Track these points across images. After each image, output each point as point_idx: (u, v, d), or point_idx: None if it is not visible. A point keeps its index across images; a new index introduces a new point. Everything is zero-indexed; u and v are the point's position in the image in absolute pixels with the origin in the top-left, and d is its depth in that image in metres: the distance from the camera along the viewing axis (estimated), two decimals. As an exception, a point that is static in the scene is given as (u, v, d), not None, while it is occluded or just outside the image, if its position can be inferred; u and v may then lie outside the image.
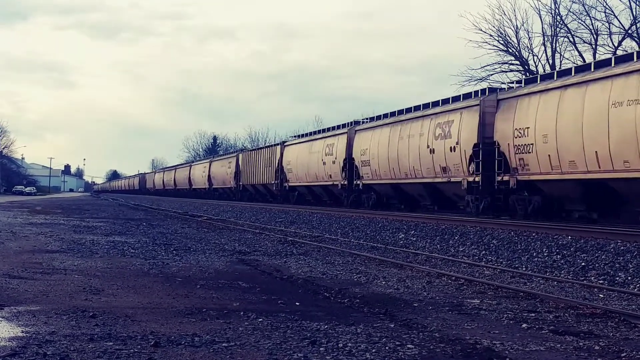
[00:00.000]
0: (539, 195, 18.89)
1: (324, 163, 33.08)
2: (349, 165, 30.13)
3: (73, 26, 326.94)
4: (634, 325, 6.12)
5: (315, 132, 38.51)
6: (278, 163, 39.82)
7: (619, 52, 34.50)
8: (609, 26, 36.74)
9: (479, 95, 21.75)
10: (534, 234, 13.87)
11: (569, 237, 12.94)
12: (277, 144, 41.84)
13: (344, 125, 32.64)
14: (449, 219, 18.70)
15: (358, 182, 29.37)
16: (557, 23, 38.79)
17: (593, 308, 6.87)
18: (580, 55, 37.96)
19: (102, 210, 33.68)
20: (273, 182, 40.69)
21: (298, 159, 36.92)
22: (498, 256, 11.78)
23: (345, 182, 30.45)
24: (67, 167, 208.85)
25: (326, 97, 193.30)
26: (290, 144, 39.75)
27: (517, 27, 40.56)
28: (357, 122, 31.92)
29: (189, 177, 68.16)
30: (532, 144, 18.41)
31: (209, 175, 58.67)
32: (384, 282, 8.71)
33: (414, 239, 15.00)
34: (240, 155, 49.29)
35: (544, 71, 38.26)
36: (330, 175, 32.33)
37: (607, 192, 16.74)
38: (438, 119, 23.24)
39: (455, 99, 23.82)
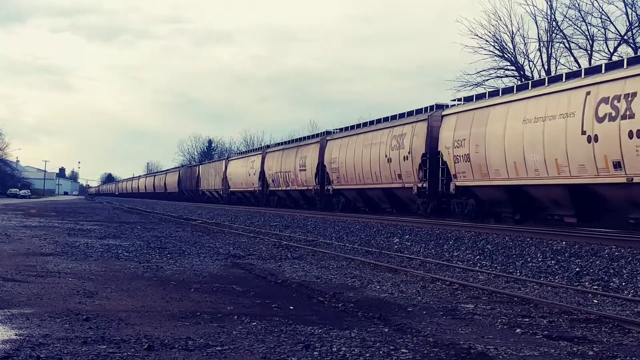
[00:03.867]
0: (344, 197, 31.94)
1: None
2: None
3: (70, 29, 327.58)
4: (627, 331, 6.13)
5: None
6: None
7: (615, 58, 34.63)
8: (605, 32, 36.91)
9: (323, 135, 35.23)
10: (528, 239, 13.89)
11: (564, 243, 12.97)
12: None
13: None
14: (443, 224, 18.74)
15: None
16: (553, 29, 38.91)
17: (587, 313, 6.88)
18: (576, 60, 38.12)
19: (96, 214, 33.59)
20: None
21: (237, 170, 46.49)
22: (492, 261, 11.78)
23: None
24: (62, 170, 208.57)
25: (323, 101, 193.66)
26: (232, 159, 51.19)
27: (512, 33, 40.72)
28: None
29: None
30: (337, 167, 31.83)
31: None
32: (378, 287, 8.71)
33: (409, 243, 15.01)
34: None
35: (539, 76, 38.40)
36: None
37: (390, 194, 28.06)
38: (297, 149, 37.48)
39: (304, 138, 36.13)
